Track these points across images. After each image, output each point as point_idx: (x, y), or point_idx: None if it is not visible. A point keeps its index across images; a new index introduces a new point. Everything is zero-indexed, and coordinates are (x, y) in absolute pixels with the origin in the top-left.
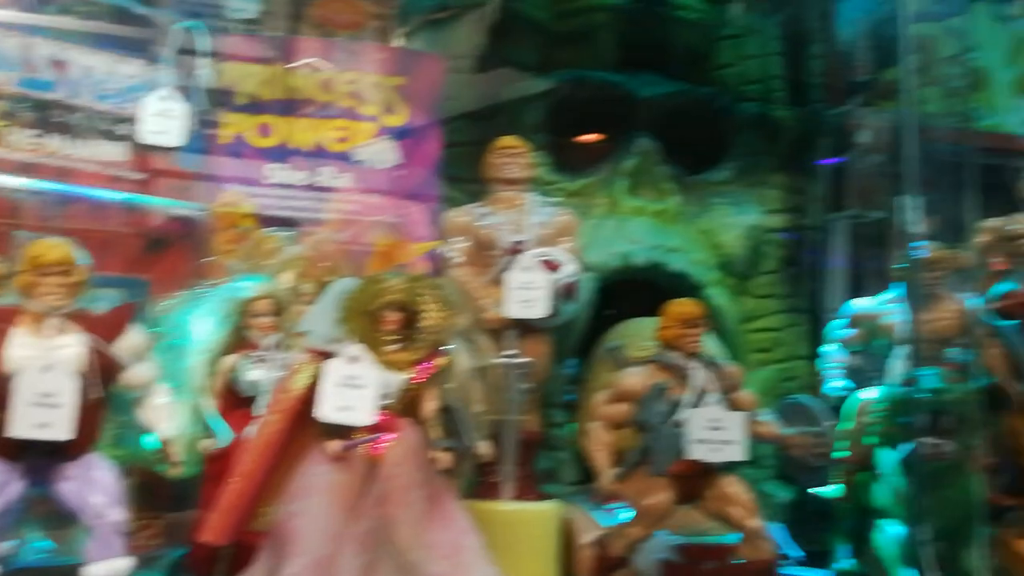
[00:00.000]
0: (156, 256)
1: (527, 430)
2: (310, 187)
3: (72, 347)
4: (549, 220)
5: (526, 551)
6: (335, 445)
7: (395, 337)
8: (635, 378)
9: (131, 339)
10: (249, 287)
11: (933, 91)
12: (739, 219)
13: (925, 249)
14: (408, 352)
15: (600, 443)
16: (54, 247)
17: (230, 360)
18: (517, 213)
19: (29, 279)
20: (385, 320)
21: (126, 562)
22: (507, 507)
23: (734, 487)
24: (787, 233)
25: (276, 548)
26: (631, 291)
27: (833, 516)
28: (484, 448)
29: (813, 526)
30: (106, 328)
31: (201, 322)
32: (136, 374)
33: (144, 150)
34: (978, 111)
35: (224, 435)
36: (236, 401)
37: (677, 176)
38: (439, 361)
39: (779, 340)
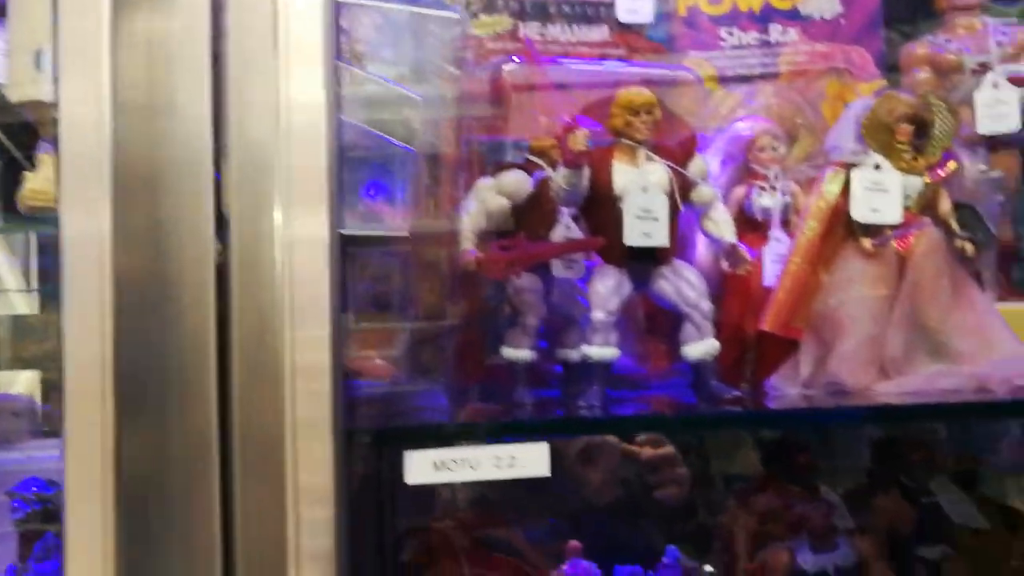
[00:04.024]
0: None
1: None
2: (761, 45)
3: (659, 172)
4: (1009, 39)
5: None
6: (868, 242)
7: (909, 146)
8: None
9: (697, 164)
10: (748, 127)
11: None
12: None
13: None
14: (922, 158)
15: None
16: (640, 93)
17: (740, 190)
18: (976, 36)
19: (623, 119)
20: (899, 131)
21: (715, 343)
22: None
23: None
24: None
25: (821, 335)
26: None
27: None
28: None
29: None
30: (679, 155)
31: (712, 159)
32: (702, 192)
33: (621, 28)
34: None
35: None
36: (749, 226)
37: None
38: (950, 165)
39: None
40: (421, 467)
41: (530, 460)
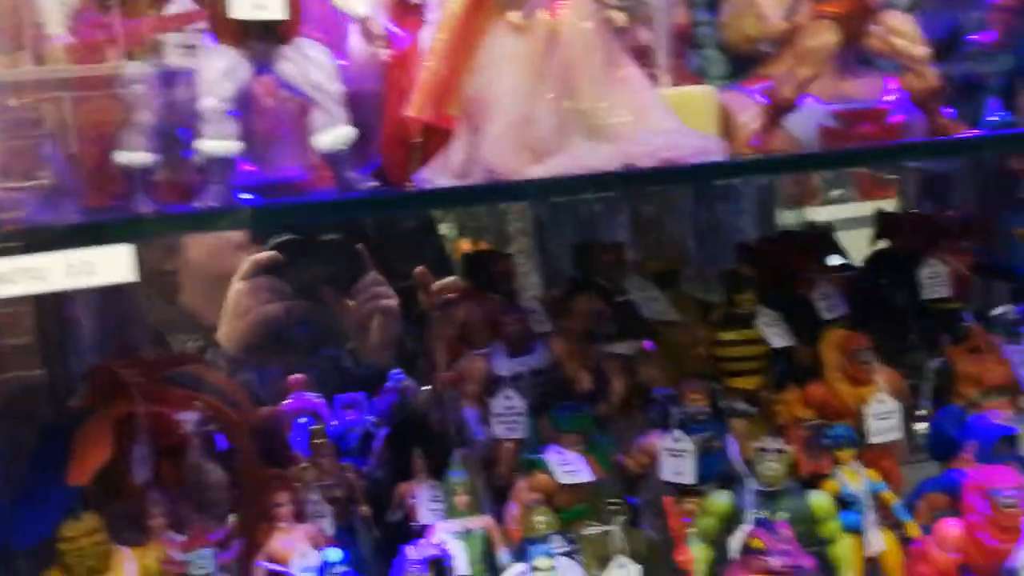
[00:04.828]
0: None
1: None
2: None
3: None
4: None
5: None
6: (516, 15)
7: None
8: None
9: None
10: None
11: None
12: None
13: None
14: None
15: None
16: None
17: None
18: None
19: None
20: None
21: (348, 130)
22: (667, 91)
23: (898, 19)
24: None
25: (473, 118)
26: None
27: None
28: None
29: None
30: None
31: None
32: None
33: None
34: None
35: (398, 40)
36: (407, 8)
37: None
38: None
39: None
40: None
41: (110, 266)
